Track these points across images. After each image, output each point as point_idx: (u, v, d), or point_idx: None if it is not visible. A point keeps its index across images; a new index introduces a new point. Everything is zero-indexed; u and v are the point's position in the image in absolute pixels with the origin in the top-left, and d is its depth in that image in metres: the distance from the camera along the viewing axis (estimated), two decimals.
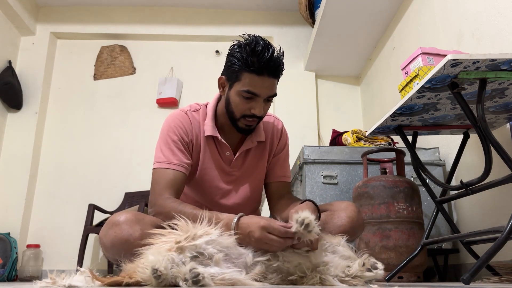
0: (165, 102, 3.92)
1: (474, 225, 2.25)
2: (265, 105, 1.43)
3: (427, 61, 1.80)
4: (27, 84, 3.86)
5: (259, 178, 1.61)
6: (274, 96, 1.43)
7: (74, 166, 3.81)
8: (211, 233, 1.09)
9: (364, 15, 3.27)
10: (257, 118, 1.45)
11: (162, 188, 1.42)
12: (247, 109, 1.41)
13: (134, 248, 1.21)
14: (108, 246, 1.26)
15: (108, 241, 1.26)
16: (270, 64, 1.36)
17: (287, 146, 1.67)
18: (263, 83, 1.37)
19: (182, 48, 4.19)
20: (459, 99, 1.53)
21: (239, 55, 1.38)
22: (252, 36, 1.41)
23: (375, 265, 1.11)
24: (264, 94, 1.39)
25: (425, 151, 2.52)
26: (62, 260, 3.54)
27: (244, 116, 1.43)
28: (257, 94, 1.38)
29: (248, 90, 1.37)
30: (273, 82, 1.40)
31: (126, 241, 1.23)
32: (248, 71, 1.36)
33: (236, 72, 1.39)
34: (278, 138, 1.63)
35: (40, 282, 1.03)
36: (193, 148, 1.52)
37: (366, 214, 2.06)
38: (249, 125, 1.46)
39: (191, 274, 0.97)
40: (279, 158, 1.62)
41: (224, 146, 1.53)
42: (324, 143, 3.85)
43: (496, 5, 2.01)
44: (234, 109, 1.44)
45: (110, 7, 4.19)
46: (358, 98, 4.13)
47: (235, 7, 4.20)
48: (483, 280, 1.67)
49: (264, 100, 1.41)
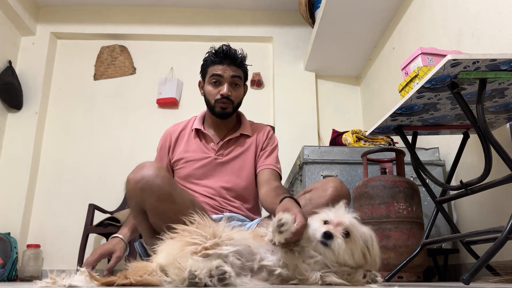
0: (165, 102, 3.92)
1: (474, 225, 2.25)
2: (232, 89, 1.68)
3: (427, 61, 1.80)
4: (27, 84, 3.86)
5: (248, 165, 1.71)
6: (239, 79, 1.70)
7: (74, 166, 3.81)
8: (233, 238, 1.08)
9: (364, 15, 3.27)
10: (229, 101, 1.67)
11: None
12: (216, 93, 1.67)
13: (159, 190, 1.33)
14: (139, 181, 1.35)
15: (139, 177, 1.35)
16: (227, 54, 1.66)
17: (275, 144, 1.80)
18: (224, 69, 1.67)
19: (182, 48, 4.19)
20: (459, 99, 1.53)
21: (206, 57, 1.73)
22: (222, 45, 1.72)
23: (375, 279, 1.12)
24: (227, 75, 1.66)
25: (425, 151, 2.52)
26: (62, 260, 3.54)
27: (216, 100, 1.67)
28: (220, 75, 1.66)
29: (213, 74, 1.67)
30: (233, 68, 1.68)
31: (156, 176, 1.35)
32: (211, 63, 1.69)
33: (205, 69, 1.73)
34: (265, 137, 1.80)
35: (40, 282, 1.03)
36: (176, 142, 1.76)
37: (366, 214, 2.06)
38: (224, 107, 1.68)
39: (217, 271, 0.95)
40: (266, 151, 1.76)
41: (208, 138, 1.74)
42: (324, 143, 3.85)
43: (496, 5, 2.01)
44: (208, 97, 1.70)
45: (110, 7, 4.19)
46: (358, 98, 4.13)
47: (235, 7, 4.20)
48: (483, 280, 1.67)
49: (230, 83, 1.67)
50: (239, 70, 1.71)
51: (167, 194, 1.34)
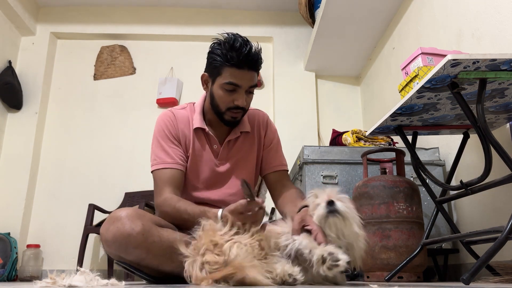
0: (165, 102, 3.91)
1: (474, 225, 2.25)
2: (247, 96, 1.52)
3: (427, 61, 1.80)
4: (27, 84, 3.86)
5: (249, 169, 1.64)
6: (255, 87, 1.52)
7: (74, 166, 3.81)
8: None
9: (364, 15, 3.27)
10: (242, 110, 1.52)
11: (161, 189, 1.49)
12: (230, 101, 1.49)
13: (135, 243, 1.26)
14: (110, 241, 1.28)
15: (110, 236, 1.28)
16: (248, 58, 1.44)
17: (277, 135, 1.72)
18: (243, 76, 1.46)
19: (182, 48, 4.19)
20: (459, 99, 1.53)
21: (219, 52, 1.47)
22: (231, 34, 1.48)
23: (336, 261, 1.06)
24: (245, 85, 1.48)
25: (425, 151, 2.52)
26: (62, 260, 3.54)
27: (229, 108, 1.51)
28: (239, 85, 1.46)
29: (230, 82, 1.46)
30: (253, 75, 1.49)
31: (128, 236, 1.26)
32: (228, 65, 1.45)
33: (217, 68, 1.48)
34: (265, 129, 1.69)
35: (40, 282, 1.04)
36: (184, 142, 1.59)
37: (366, 214, 2.05)
38: (235, 117, 1.54)
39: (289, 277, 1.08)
40: (271, 149, 1.67)
41: (212, 139, 1.60)
42: (324, 143, 3.85)
43: (496, 5, 2.01)
44: (218, 102, 1.52)
45: (110, 7, 4.19)
46: (358, 98, 4.13)
47: (235, 7, 4.20)
48: (483, 280, 1.67)
49: (245, 91, 1.49)
50: (257, 75, 1.51)
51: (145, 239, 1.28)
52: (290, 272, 1.06)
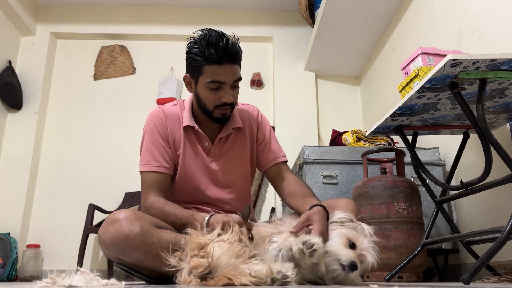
0: (165, 102, 3.89)
1: (474, 225, 2.25)
2: (233, 91, 1.48)
3: (427, 61, 1.80)
4: (27, 84, 3.86)
5: (243, 165, 1.63)
6: (239, 81, 1.48)
7: (74, 166, 3.81)
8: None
9: (364, 15, 3.27)
10: (230, 105, 1.49)
11: (146, 191, 1.49)
12: (217, 99, 1.47)
13: (134, 245, 1.26)
14: (109, 243, 1.28)
15: (108, 238, 1.28)
16: (227, 51, 1.41)
17: (269, 128, 1.70)
18: (225, 71, 1.43)
19: (182, 48, 4.12)
20: (459, 99, 1.53)
21: (197, 50, 1.45)
22: (205, 30, 1.46)
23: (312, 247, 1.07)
24: (229, 80, 1.45)
25: (425, 151, 2.52)
26: (62, 260, 3.54)
27: (216, 106, 1.48)
28: (223, 82, 1.44)
29: (213, 80, 1.43)
30: (234, 68, 1.45)
31: (126, 237, 1.26)
32: (209, 63, 1.42)
33: (198, 67, 1.46)
34: (257, 124, 1.67)
35: (40, 282, 1.03)
36: (174, 141, 1.56)
37: (366, 214, 2.06)
38: (224, 113, 1.51)
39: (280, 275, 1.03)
40: (266, 144, 1.65)
41: (202, 137, 1.57)
42: (324, 143, 3.85)
43: (496, 5, 2.01)
44: (205, 102, 1.49)
45: (110, 7, 4.19)
46: (358, 98, 4.13)
47: (235, 7, 4.20)
48: (483, 280, 1.67)
49: (230, 86, 1.46)
50: (239, 67, 1.48)
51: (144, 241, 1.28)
52: (279, 269, 1.03)
